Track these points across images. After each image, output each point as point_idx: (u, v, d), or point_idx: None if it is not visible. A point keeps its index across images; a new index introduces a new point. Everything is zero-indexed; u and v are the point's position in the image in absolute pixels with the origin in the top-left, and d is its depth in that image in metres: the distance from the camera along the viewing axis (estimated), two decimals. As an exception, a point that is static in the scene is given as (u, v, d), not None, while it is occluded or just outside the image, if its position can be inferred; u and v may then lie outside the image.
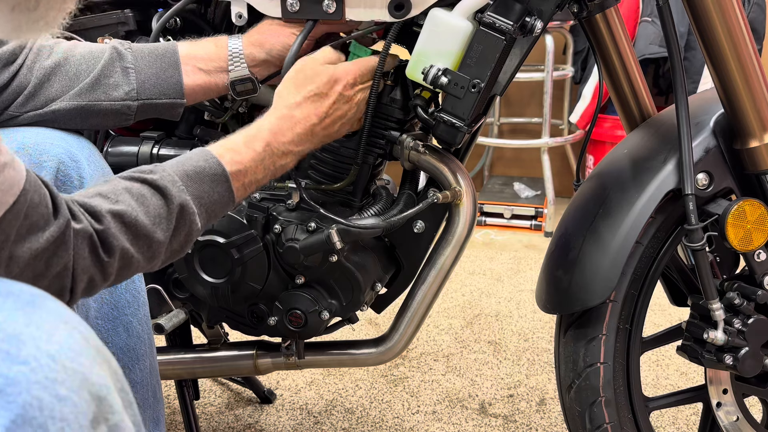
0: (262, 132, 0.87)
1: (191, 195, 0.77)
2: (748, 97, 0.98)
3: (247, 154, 0.84)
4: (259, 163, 0.85)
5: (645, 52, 2.76)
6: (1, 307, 0.49)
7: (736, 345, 1.01)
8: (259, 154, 0.85)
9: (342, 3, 0.94)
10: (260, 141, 0.86)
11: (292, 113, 0.89)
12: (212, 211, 0.80)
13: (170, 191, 0.75)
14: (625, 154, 1.09)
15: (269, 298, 1.08)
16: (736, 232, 0.97)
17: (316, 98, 0.91)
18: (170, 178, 0.75)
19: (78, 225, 0.66)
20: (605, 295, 1.01)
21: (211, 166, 0.80)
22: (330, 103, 0.92)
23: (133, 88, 0.94)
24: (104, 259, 0.69)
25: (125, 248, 0.70)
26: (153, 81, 0.94)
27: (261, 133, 0.87)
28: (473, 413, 1.63)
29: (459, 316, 2.15)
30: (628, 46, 1.10)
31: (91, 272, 0.69)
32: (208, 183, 0.79)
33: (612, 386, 1.06)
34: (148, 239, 0.73)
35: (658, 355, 1.86)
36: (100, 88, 0.93)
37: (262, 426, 1.58)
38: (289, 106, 0.90)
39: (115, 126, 0.98)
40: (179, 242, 0.77)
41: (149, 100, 0.95)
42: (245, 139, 0.85)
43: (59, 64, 0.93)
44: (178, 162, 0.79)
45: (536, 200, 3.09)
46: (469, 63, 0.91)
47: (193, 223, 0.77)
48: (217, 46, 0.98)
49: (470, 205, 1.02)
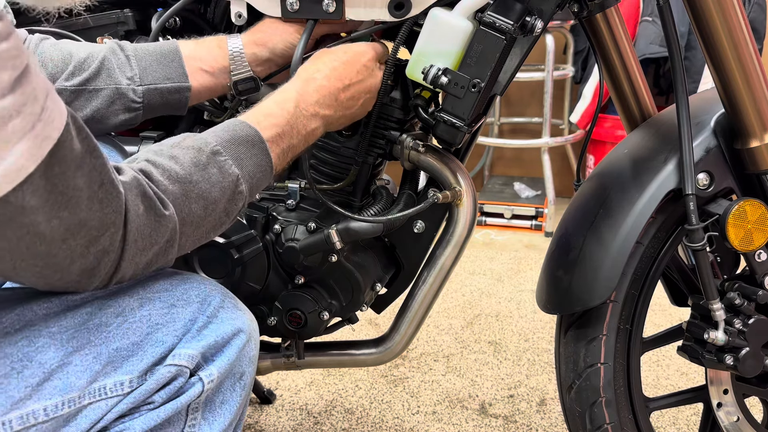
0: (290, 93, 0.87)
1: (231, 157, 0.77)
2: (748, 97, 0.98)
3: (281, 116, 0.84)
4: (293, 126, 0.85)
5: (645, 51, 2.75)
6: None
7: (737, 345, 1.01)
8: (292, 114, 0.85)
9: (342, 2, 0.94)
10: (290, 102, 0.86)
11: (314, 76, 0.89)
12: (254, 176, 0.80)
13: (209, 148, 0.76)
14: (625, 154, 1.09)
15: (269, 299, 1.08)
16: (736, 232, 0.97)
17: (340, 66, 0.91)
18: (205, 140, 0.77)
19: (125, 177, 0.67)
20: (606, 295, 1.01)
21: (249, 133, 0.80)
22: (354, 72, 0.92)
23: (136, 74, 0.93)
24: (163, 214, 0.69)
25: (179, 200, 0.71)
26: (155, 66, 0.94)
27: (289, 94, 0.87)
28: (473, 413, 1.62)
29: (459, 317, 2.15)
30: (628, 46, 1.10)
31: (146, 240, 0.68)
32: (245, 146, 0.79)
33: (612, 386, 1.06)
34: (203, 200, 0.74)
35: (659, 356, 1.86)
36: (103, 72, 0.92)
37: (262, 426, 1.58)
38: (311, 71, 0.90)
39: (125, 123, 0.96)
40: (224, 207, 0.77)
41: (153, 85, 0.94)
42: (276, 103, 0.86)
43: (64, 60, 0.92)
44: (213, 131, 0.79)
45: (536, 200, 3.09)
46: (470, 63, 0.91)
47: (238, 185, 0.77)
48: (220, 46, 0.97)
49: (470, 205, 1.02)
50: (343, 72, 0.91)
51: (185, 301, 0.75)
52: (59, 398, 0.66)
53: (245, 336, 0.77)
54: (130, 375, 0.69)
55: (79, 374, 0.67)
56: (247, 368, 0.78)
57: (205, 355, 0.73)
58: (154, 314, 0.72)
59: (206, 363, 0.74)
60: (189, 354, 0.72)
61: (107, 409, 0.68)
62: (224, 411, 0.76)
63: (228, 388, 0.77)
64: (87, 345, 0.68)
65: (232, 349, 0.75)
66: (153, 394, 0.71)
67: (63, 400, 0.66)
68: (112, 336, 0.70)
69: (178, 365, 0.71)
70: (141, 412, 0.71)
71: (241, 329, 0.77)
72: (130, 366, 0.70)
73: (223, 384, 0.76)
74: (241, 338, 0.76)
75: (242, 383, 0.78)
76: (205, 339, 0.74)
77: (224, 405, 0.76)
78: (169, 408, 0.71)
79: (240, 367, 0.77)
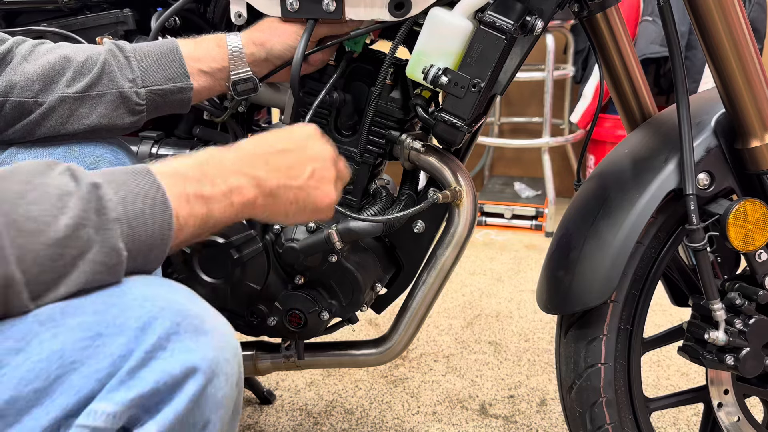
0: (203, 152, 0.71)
1: (104, 179, 0.58)
2: (749, 97, 0.98)
3: (187, 162, 0.67)
4: (205, 174, 0.66)
5: (646, 51, 2.75)
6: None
7: (737, 345, 1.01)
8: (204, 161, 0.68)
9: (342, 2, 0.94)
10: (203, 153, 0.70)
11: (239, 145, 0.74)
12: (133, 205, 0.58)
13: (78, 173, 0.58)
14: (626, 154, 1.09)
15: (269, 299, 1.08)
16: (737, 232, 0.97)
17: (271, 137, 0.77)
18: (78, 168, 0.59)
19: None
20: (606, 295, 1.01)
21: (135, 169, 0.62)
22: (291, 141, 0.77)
23: (137, 76, 0.91)
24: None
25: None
26: (155, 67, 0.93)
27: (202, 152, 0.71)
28: (473, 414, 1.62)
29: (459, 317, 2.15)
30: (628, 46, 1.10)
31: None
32: (123, 174, 0.61)
33: (613, 387, 1.06)
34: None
35: (659, 356, 1.86)
36: (105, 77, 0.90)
37: (262, 426, 1.58)
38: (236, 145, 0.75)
39: (129, 126, 0.94)
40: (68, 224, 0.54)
41: (156, 87, 0.92)
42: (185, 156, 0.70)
43: (62, 65, 0.91)
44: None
45: (537, 200, 3.09)
46: (470, 62, 0.91)
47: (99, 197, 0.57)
48: (219, 45, 0.97)
49: (470, 205, 1.02)
50: (273, 140, 0.76)
51: (117, 327, 0.55)
52: None
53: (203, 377, 0.56)
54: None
55: None
56: (213, 414, 0.58)
57: (145, 405, 0.54)
58: (69, 349, 0.53)
59: (147, 414, 0.55)
60: (108, 412, 0.53)
61: None
62: None
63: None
64: None
65: (182, 396, 0.55)
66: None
67: None
68: (5, 381, 0.52)
69: (92, 427, 0.53)
70: None
71: (197, 367, 0.56)
72: (28, 423, 0.52)
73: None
74: (196, 380, 0.56)
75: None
76: (140, 385, 0.54)
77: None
78: None
79: (200, 415, 0.57)
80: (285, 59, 0.98)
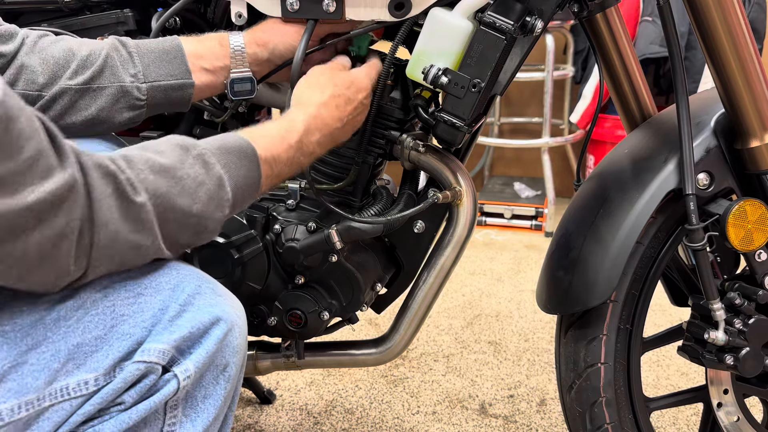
0: (297, 124, 0.87)
1: (219, 162, 0.74)
2: (748, 97, 0.98)
3: (281, 145, 0.84)
4: (290, 158, 0.85)
5: (645, 51, 2.76)
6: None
7: (737, 345, 1.01)
8: (293, 147, 0.85)
9: (342, 2, 0.94)
10: (295, 134, 0.86)
11: (320, 112, 0.89)
12: (240, 186, 0.76)
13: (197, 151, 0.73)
14: (625, 154, 1.09)
15: (269, 299, 1.08)
16: (736, 232, 0.97)
17: (341, 101, 0.91)
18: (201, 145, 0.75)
19: (88, 160, 0.62)
20: (606, 295, 1.01)
21: (241, 144, 0.78)
22: (352, 109, 0.93)
23: (139, 71, 0.92)
24: (133, 200, 0.64)
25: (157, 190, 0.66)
26: (158, 63, 0.93)
27: (296, 125, 0.87)
28: (473, 414, 1.62)
29: (459, 317, 2.15)
30: (628, 46, 1.10)
31: (117, 225, 0.63)
32: (235, 155, 0.76)
33: (613, 386, 1.06)
34: (186, 197, 0.69)
35: (659, 356, 1.86)
36: (107, 70, 0.91)
37: (262, 426, 1.58)
38: (317, 104, 0.90)
39: (129, 121, 0.95)
40: (208, 210, 0.72)
41: (157, 82, 0.93)
42: (279, 130, 0.85)
43: (66, 58, 0.91)
44: (205, 139, 0.77)
45: (536, 200, 3.09)
46: (470, 63, 0.91)
47: (222, 188, 0.73)
48: (221, 44, 0.97)
49: (470, 205, 1.02)
50: (343, 107, 0.92)
51: (154, 288, 0.69)
52: (14, 401, 0.61)
53: (225, 325, 0.71)
54: (94, 373, 0.65)
55: (36, 374, 0.62)
56: (231, 359, 0.73)
57: (180, 348, 0.68)
58: (119, 305, 0.67)
59: (182, 356, 0.68)
60: (159, 349, 0.67)
61: (71, 411, 0.64)
62: (207, 406, 0.72)
63: (210, 382, 0.72)
64: (44, 342, 0.63)
65: (210, 339, 0.70)
66: (122, 394, 0.66)
67: (19, 403, 0.61)
68: (72, 331, 0.64)
69: (147, 362, 0.66)
70: (111, 413, 0.66)
71: (220, 317, 0.71)
72: (93, 363, 0.65)
73: (204, 378, 0.71)
74: (220, 327, 0.71)
75: (226, 375, 0.73)
76: (179, 330, 0.68)
77: (207, 400, 0.72)
78: (142, 408, 0.66)
79: (222, 358, 0.72)
80: (287, 59, 0.98)
